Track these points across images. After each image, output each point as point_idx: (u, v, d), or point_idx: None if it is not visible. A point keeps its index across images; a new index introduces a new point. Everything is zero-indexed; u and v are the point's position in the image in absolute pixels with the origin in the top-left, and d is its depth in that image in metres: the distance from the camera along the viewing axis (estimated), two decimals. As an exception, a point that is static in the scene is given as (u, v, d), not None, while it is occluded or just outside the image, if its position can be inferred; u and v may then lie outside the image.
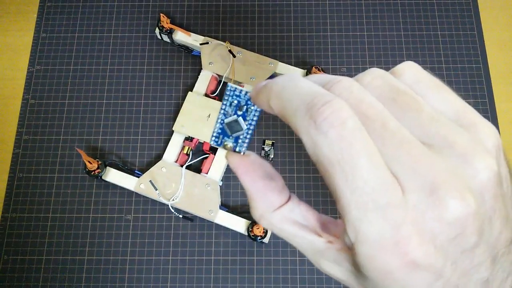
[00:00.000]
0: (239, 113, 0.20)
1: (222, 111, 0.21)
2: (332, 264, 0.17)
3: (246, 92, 0.20)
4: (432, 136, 0.15)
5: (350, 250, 0.16)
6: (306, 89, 0.16)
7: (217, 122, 0.21)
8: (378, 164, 0.14)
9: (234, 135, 0.21)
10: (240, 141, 0.21)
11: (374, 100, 0.16)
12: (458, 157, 0.15)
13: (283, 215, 0.18)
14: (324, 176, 0.15)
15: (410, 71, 0.17)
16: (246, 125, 0.20)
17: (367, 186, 0.14)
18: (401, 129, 0.15)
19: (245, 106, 0.20)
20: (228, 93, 0.20)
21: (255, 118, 0.20)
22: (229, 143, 0.21)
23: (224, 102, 0.20)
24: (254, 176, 0.19)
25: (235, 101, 0.20)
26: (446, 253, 0.14)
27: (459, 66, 0.60)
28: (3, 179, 0.57)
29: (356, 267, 0.16)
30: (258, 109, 0.20)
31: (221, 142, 0.21)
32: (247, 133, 0.20)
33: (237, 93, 0.20)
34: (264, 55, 0.58)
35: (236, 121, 0.20)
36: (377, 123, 0.15)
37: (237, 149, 0.21)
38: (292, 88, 0.16)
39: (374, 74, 0.17)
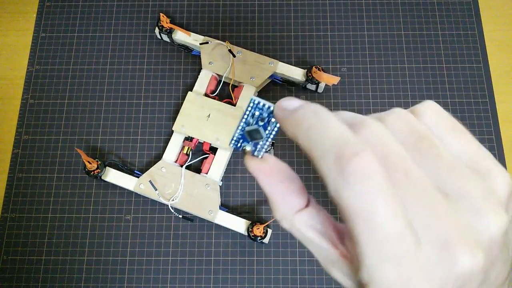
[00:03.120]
0: (260, 123, 0.21)
1: (244, 120, 0.21)
2: (343, 276, 0.18)
3: (269, 107, 0.20)
4: (449, 185, 0.16)
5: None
6: (336, 132, 0.16)
7: (238, 128, 0.21)
8: (398, 217, 0.15)
9: (254, 142, 0.21)
10: (259, 146, 0.21)
11: (399, 147, 0.16)
12: (472, 209, 0.16)
13: (303, 219, 0.19)
14: (343, 216, 0.16)
15: (431, 112, 0.18)
16: (266, 134, 0.21)
17: (386, 240, 0.15)
18: (422, 179, 0.16)
19: (267, 118, 0.20)
20: (251, 105, 0.21)
21: (274, 132, 0.21)
22: (248, 147, 0.21)
23: (246, 113, 0.21)
24: (274, 180, 0.19)
25: (257, 112, 0.21)
26: None
27: (460, 66, 0.60)
28: (3, 179, 0.56)
29: None
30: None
31: (241, 145, 0.21)
32: (267, 140, 0.21)
33: (260, 106, 0.20)
34: (264, 55, 0.58)
35: (256, 130, 0.21)
36: (401, 172, 0.16)
37: (255, 153, 0.21)
38: (321, 130, 0.17)
39: (397, 116, 0.18)
